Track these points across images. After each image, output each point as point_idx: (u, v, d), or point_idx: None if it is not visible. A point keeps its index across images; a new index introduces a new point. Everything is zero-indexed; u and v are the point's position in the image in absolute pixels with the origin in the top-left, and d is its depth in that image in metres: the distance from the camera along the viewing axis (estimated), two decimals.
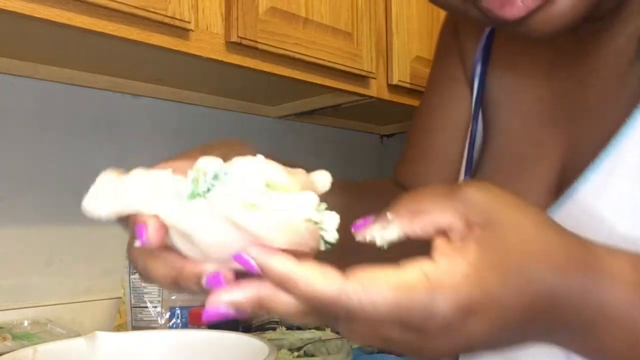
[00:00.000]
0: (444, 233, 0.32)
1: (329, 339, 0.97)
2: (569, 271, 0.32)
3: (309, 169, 0.41)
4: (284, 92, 1.40)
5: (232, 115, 1.45)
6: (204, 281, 0.32)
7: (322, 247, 0.32)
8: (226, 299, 0.31)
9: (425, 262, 0.30)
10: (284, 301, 0.31)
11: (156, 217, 0.32)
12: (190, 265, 0.33)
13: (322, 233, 0.32)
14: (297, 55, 1.07)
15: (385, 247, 0.33)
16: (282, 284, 0.30)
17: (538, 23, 0.40)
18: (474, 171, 0.56)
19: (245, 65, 1.02)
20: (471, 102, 0.59)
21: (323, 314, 0.31)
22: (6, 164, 1.10)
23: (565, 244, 0.33)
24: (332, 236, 0.32)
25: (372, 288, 0.29)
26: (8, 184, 1.10)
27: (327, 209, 0.32)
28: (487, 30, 0.58)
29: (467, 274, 0.30)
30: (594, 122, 0.47)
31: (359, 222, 0.34)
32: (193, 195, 0.31)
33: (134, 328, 1.07)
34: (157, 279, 0.35)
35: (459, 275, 0.30)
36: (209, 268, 0.32)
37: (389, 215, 0.33)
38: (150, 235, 0.32)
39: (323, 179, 0.34)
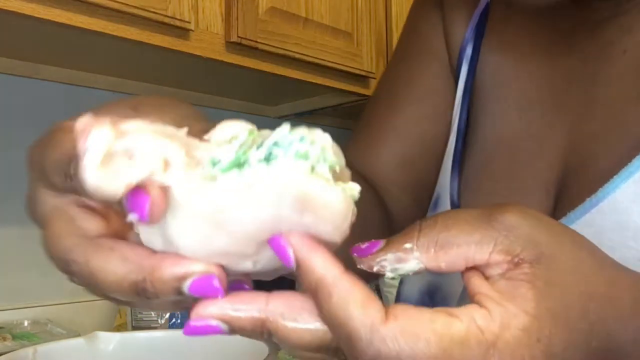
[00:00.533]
0: (476, 268, 0.26)
1: None
2: (636, 316, 0.27)
3: None
4: (284, 92, 1.40)
5: (232, 115, 1.44)
6: (187, 285, 0.24)
7: None
8: (221, 312, 0.24)
9: (477, 311, 0.25)
10: (297, 330, 0.25)
11: (162, 187, 0.23)
12: (169, 262, 0.24)
13: None
14: (297, 55, 1.07)
15: (397, 278, 0.27)
16: (315, 289, 0.24)
17: None
18: (461, 164, 0.50)
19: (245, 65, 1.02)
20: (452, 82, 0.52)
21: (343, 349, 0.25)
22: (6, 164, 1.10)
23: (628, 283, 0.28)
24: None
25: (414, 336, 0.24)
26: (8, 184, 1.10)
27: None
28: (482, 5, 0.51)
29: (527, 328, 0.24)
30: (609, 119, 0.42)
31: (364, 246, 0.27)
32: (236, 164, 0.24)
33: (134, 328, 1.07)
34: (107, 282, 0.25)
35: (517, 329, 0.24)
36: (197, 268, 0.24)
37: (408, 244, 0.26)
38: (156, 206, 0.23)
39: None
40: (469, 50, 0.51)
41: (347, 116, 1.66)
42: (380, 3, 1.28)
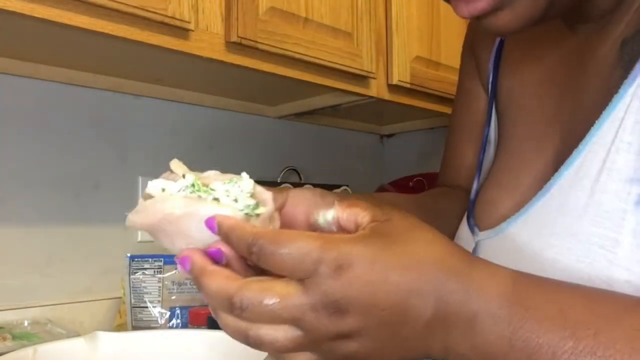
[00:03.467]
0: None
1: None
2: (438, 277, 0.34)
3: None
4: (284, 92, 1.40)
5: (232, 115, 1.45)
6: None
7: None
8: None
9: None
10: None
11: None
12: None
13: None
14: (297, 55, 1.07)
15: None
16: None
17: (491, 24, 0.45)
18: (491, 170, 0.59)
19: (245, 65, 1.02)
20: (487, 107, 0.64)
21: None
22: (6, 164, 1.10)
23: (442, 255, 0.35)
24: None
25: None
26: (8, 184, 1.10)
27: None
28: (497, 42, 0.62)
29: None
30: (586, 123, 0.48)
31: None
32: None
33: (134, 328, 1.07)
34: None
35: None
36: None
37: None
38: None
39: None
40: (491, 77, 0.63)
41: (347, 116, 1.66)
42: (380, 3, 1.28)
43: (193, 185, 0.41)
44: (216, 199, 0.40)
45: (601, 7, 0.48)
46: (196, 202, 0.39)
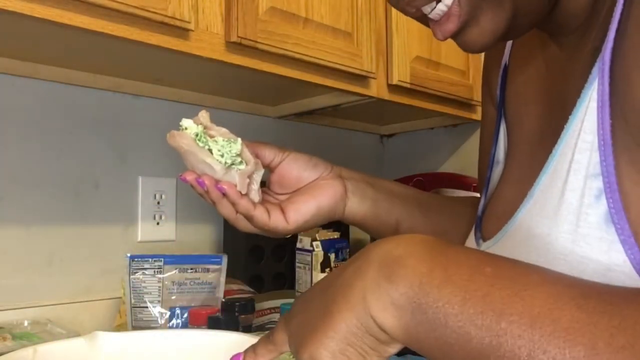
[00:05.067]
0: None
1: None
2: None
3: None
4: (284, 92, 1.40)
5: (232, 115, 1.45)
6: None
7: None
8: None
9: None
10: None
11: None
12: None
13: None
14: (297, 55, 1.07)
15: None
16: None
17: (463, 42, 0.50)
18: (497, 185, 0.63)
19: (245, 65, 1.02)
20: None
21: None
22: (6, 164, 1.10)
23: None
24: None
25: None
26: (8, 184, 1.10)
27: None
28: (502, 67, 0.65)
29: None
30: None
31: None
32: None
33: (134, 328, 1.07)
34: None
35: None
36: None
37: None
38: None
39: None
40: (498, 103, 0.66)
41: (347, 116, 1.66)
42: (380, 3, 1.28)
43: (197, 134, 0.58)
44: (210, 150, 0.58)
45: (575, 17, 0.50)
46: (197, 146, 0.57)
